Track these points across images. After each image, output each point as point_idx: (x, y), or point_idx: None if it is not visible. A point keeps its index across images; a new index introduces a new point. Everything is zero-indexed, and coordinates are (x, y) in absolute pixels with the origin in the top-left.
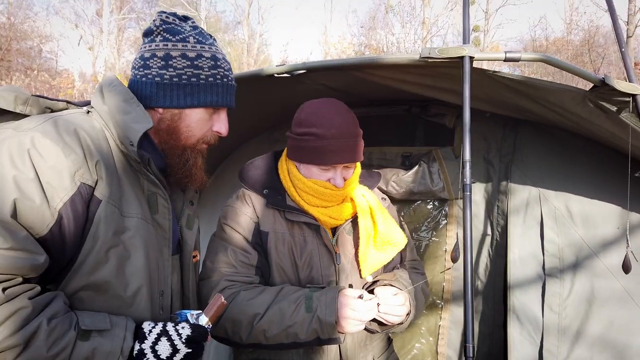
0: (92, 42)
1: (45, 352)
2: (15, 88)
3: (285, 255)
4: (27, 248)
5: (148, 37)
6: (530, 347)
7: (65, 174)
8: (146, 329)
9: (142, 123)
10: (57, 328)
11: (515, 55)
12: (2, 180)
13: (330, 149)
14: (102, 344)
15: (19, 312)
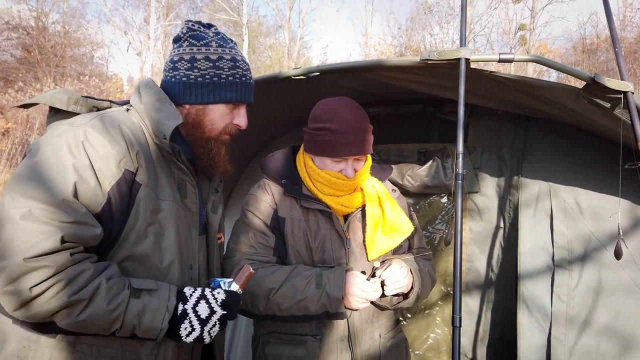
0: (139, 48)
1: (105, 306)
2: (67, 90)
3: (300, 239)
4: (88, 222)
5: (177, 43)
6: (539, 334)
7: (112, 162)
8: (187, 293)
9: (174, 119)
10: (114, 287)
11: (509, 57)
12: (63, 166)
13: (342, 143)
14: (150, 302)
15: (84, 273)
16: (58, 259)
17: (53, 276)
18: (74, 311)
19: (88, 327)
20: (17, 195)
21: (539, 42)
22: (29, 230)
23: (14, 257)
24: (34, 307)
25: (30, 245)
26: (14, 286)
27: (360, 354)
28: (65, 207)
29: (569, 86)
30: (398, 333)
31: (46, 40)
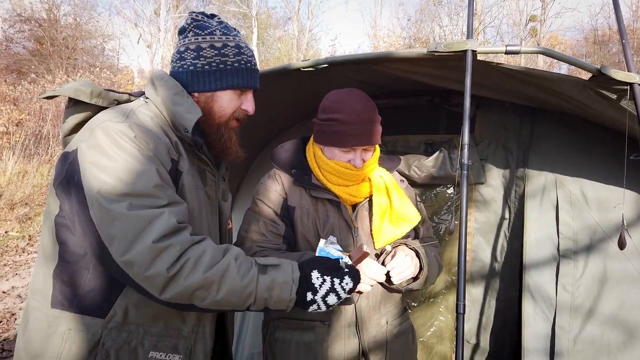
0: (150, 40)
1: (239, 283)
2: (90, 83)
3: (310, 227)
4: (178, 200)
5: (182, 34)
6: (544, 323)
7: (164, 152)
8: (316, 283)
9: (194, 113)
10: (242, 265)
11: (515, 48)
12: (137, 159)
13: (351, 133)
14: (277, 276)
15: (208, 251)
16: (181, 238)
17: (182, 255)
18: (212, 290)
19: (227, 304)
20: (111, 196)
21: (549, 34)
22: (143, 217)
23: (142, 243)
24: (175, 287)
25: (152, 229)
26: (153, 270)
27: (367, 339)
28: (160, 192)
29: (575, 77)
30: (405, 321)
31: (58, 33)
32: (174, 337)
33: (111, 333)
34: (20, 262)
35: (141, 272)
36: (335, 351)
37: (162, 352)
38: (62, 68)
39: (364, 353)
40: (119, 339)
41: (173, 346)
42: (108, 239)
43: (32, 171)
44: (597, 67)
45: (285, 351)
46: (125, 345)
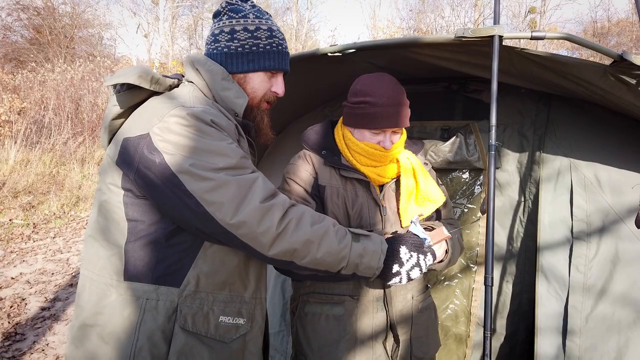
0: (147, 29)
1: (336, 244)
2: (149, 69)
3: (340, 206)
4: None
5: (217, 18)
6: (557, 303)
7: (233, 134)
8: (404, 257)
9: (243, 98)
10: (339, 231)
11: (541, 34)
12: (219, 134)
13: (381, 115)
14: (368, 245)
15: (307, 213)
16: (282, 199)
17: (285, 213)
18: (312, 248)
19: (323, 264)
20: (207, 170)
21: (549, 26)
22: (245, 182)
23: (250, 204)
24: (281, 243)
25: (253, 191)
26: (263, 227)
27: (394, 313)
28: (247, 163)
29: (597, 63)
30: (428, 297)
31: (56, 21)
32: (237, 302)
33: (186, 300)
34: (26, 250)
35: (252, 230)
36: (364, 324)
37: (230, 317)
38: (60, 57)
39: (392, 326)
40: (194, 306)
41: (237, 311)
42: (214, 206)
43: (35, 160)
44: (619, 53)
45: (315, 324)
46: (199, 311)
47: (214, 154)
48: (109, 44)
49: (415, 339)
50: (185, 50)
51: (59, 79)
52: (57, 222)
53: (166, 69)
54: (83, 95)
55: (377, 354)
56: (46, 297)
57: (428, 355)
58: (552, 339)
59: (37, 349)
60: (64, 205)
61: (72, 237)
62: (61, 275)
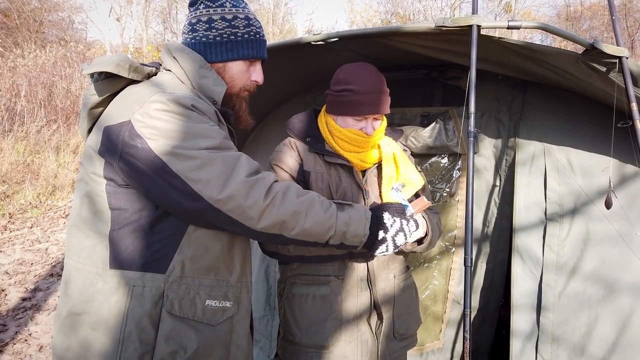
0: (119, 12)
1: (323, 214)
2: (128, 57)
3: (324, 190)
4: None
5: (193, 7)
6: (531, 281)
7: (213, 118)
8: (387, 223)
9: (221, 86)
10: (324, 202)
11: (517, 24)
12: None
13: (364, 102)
14: (352, 213)
15: (292, 187)
16: (266, 174)
17: (271, 187)
18: (300, 219)
19: (311, 234)
20: (191, 151)
21: (524, 10)
22: (229, 159)
23: (236, 179)
24: (270, 215)
25: (238, 167)
26: (250, 200)
27: (377, 292)
28: (229, 143)
29: (570, 51)
30: (409, 277)
31: (24, 4)
32: (223, 286)
33: (172, 286)
34: (3, 240)
35: (240, 204)
36: (349, 303)
37: (216, 300)
38: (31, 41)
39: (375, 304)
40: (180, 291)
41: (224, 295)
42: (200, 183)
43: (8, 148)
44: (590, 42)
45: (303, 304)
46: (186, 296)
47: (197, 136)
48: (80, 27)
49: (398, 317)
50: (159, 35)
51: (30, 65)
52: (34, 211)
53: (141, 53)
54: (55, 81)
55: (362, 331)
56: (26, 288)
57: (409, 332)
58: (527, 315)
59: (20, 339)
60: (40, 194)
61: (49, 226)
62: (40, 265)
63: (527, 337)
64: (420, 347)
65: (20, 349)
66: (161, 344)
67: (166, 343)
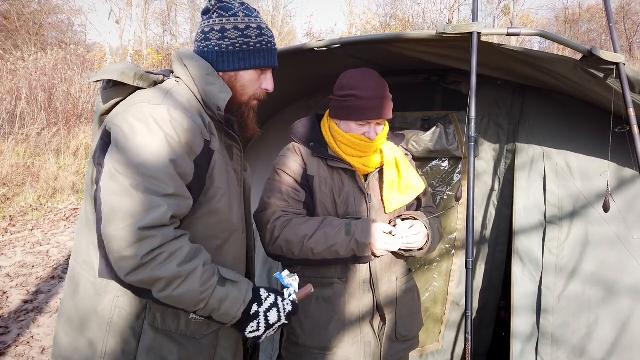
0: (119, 15)
1: (198, 287)
2: (133, 66)
3: (327, 194)
4: (185, 194)
5: (206, 15)
6: (531, 283)
7: (197, 134)
8: (263, 296)
9: (226, 92)
10: (207, 271)
11: (516, 31)
12: (160, 143)
13: (367, 107)
14: (233, 292)
15: (183, 249)
16: (165, 232)
17: (159, 247)
18: (173, 284)
19: (179, 302)
20: (123, 170)
21: (522, 12)
22: (141, 201)
23: (130, 225)
24: (143, 273)
25: (144, 215)
26: (130, 251)
27: (380, 294)
28: (168, 181)
29: (568, 58)
30: (411, 279)
31: (24, 7)
32: None
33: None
34: (4, 243)
35: (119, 249)
36: (352, 305)
37: None
38: (30, 44)
39: (378, 306)
40: None
41: None
42: (106, 208)
43: (9, 151)
44: (588, 48)
45: (306, 306)
46: (169, 309)
47: (140, 159)
48: (80, 30)
49: (400, 319)
50: (159, 37)
51: (31, 68)
52: (35, 214)
53: (141, 56)
54: (56, 84)
55: (365, 333)
56: (28, 290)
57: (412, 333)
58: (527, 317)
59: (22, 342)
60: (41, 197)
61: (50, 229)
62: (42, 268)
63: (527, 339)
64: (421, 349)
65: (22, 352)
66: (142, 356)
67: (147, 355)
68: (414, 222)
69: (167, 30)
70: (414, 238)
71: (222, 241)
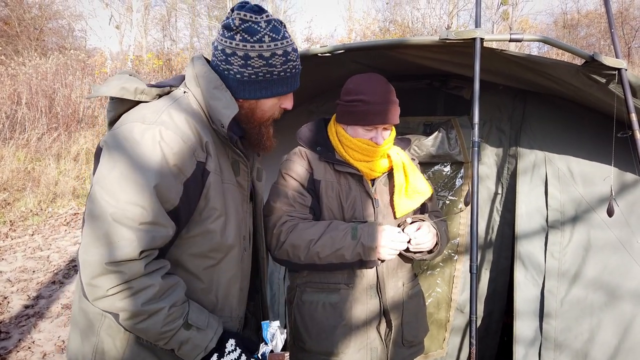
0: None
1: (159, 328)
2: (134, 79)
3: (334, 199)
4: (164, 223)
5: (229, 32)
6: (534, 288)
7: (187, 156)
8: (228, 348)
9: (231, 109)
10: (173, 314)
11: (519, 37)
12: (146, 166)
13: (374, 112)
14: (195, 337)
15: (151, 288)
16: (133, 268)
17: (125, 282)
18: (136, 319)
19: (141, 334)
20: (103, 193)
21: (521, 17)
22: (114, 232)
23: (99, 256)
24: (106, 303)
25: (113, 249)
26: (97, 282)
27: (387, 299)
28: (147, 207)
29: (570, 63)
30: (416, 285)
31: (25, 12)
32: None
33: None
34: (4, 248)
35: (87, 278)
36: (359, 310)
37: None
38: (31, 49)
39: (384, 312)
40: None
41: None
42: (83, 228)
43: (9, 156)
44: (590, 54)
45: (313, 311)
46: None
47: (121, 184)
48: (80, 35)
49: (406, 324)
50: (159, 42)
51: (32, 73)
52: (35, 219)
53: (141, 61)
54: (56, 89)
55: (371, 339)
56: (29, 295)
57: (417, 339)
58: (530, 322)
59: (23, 347)
60: (41, 201)
61: (51, 234)
62: (42, 273)
63: (530, 344)
64: (425, 355)
65: (23, 357)
66: None
67: None
68: (421, 223)
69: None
70: (423, 238)
71: (216, 261)
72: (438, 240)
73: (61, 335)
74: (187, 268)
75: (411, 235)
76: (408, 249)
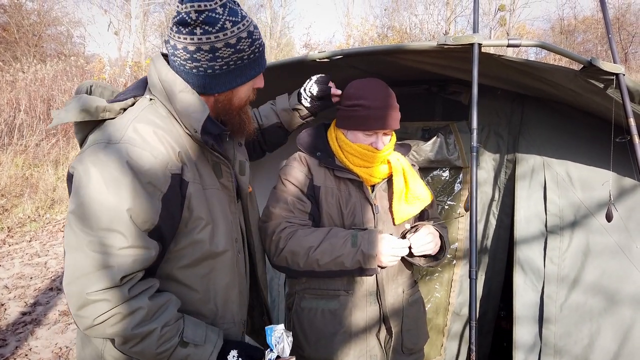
0: (117, 26)
1: (154, 349)
2: (93, 99)
3: (334, 205)
4: (144, 244)
5: (185, 28)
6: (533, 293)
7: (160, 171)
8: (229, 358)
9: (201, 112)
10: (167, 334)
11: (517, 42)
12: (115, 191)
13: (374, 117)
14: (194, 354)
15: (139, 312)
16: (116, 295)
17: (111, 309)
18: (129, 343)
19: (139, 356)
20: (78, 222)
21: (518, 23)
22: (93, 261)
23: (81, 286)
24: (97, 332)
25: (93, 279)
26: (82, 313)
27: (386, 306)
28: (125, 231)
29: (568, 68)
30: (416, 291)
31: (24, 19)
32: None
33: None
34: (2, 254)
35: (73, 309)
36: (358, 317)
37: None
38: (29, 55)
39: (384, 318)
40: None
41: None
42: (65, 259)
43: (7, 162)
44: (588, 59)
45: (312, 318)
46: None
47: (94, 211)
48: (79, 42)
49: (406, 331)
50: (157, 48)
51: (30, 79)
52: (33, 225)
53: (140, 67)
54: (55, 95)
55: (371, 346)
56: (26, 302)
57: (418, 346)
58: (529, 327)
59: (20, 354)
60: (39, 208)
61: (48, 240)
62: (40, 280)
63: (530, 349)
64: None
65: None
66: None
67: None
68: (419, 226)
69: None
70: (422, 240)
71: (208, 269)
72: (443, 245)
73: (58, 342)
74: (180, 280)
75: (410, 239)
76: (412, 255)
